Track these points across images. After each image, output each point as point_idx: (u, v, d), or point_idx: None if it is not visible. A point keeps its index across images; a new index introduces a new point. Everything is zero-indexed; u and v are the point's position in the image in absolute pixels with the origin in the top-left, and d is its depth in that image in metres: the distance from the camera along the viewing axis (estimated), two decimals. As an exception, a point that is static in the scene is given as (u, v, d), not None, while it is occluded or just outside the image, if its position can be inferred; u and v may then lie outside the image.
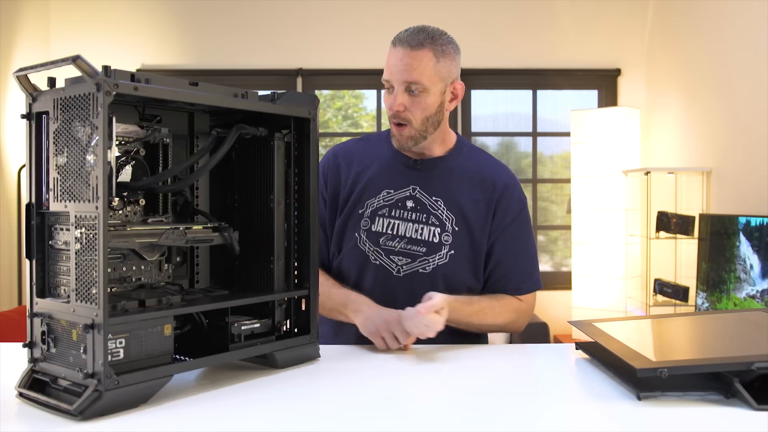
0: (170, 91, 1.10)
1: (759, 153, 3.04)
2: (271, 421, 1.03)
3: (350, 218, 1.62)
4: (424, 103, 1.53)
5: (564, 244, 4.60)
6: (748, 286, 2.84)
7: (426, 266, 1.56)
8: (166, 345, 1.10)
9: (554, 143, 4.65)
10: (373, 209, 1.60)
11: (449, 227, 1.57)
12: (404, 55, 1.50)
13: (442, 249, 1.57)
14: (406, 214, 1.59)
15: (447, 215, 1.58)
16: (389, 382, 1.23)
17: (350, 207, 1.62)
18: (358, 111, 4.90)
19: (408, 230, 1.58)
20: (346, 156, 1.68)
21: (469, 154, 1.67)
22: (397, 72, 1.51)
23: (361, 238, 1.60)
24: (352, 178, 1.64)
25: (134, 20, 4.40)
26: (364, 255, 1.59)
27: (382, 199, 1.61)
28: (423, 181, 1.61)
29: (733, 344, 1.31)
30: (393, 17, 4.31)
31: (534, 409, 1.09)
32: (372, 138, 1.73)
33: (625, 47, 4.40)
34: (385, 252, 1.58)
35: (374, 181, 1.62)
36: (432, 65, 1.50)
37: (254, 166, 1.33)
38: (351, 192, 1.64)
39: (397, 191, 1.61)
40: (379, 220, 1.60)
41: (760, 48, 3.02)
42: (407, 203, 1.59)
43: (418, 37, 1.51)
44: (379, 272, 1.57)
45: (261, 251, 1.31)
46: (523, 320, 1.64)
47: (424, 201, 1.59)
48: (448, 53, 1.54)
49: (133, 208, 1.20)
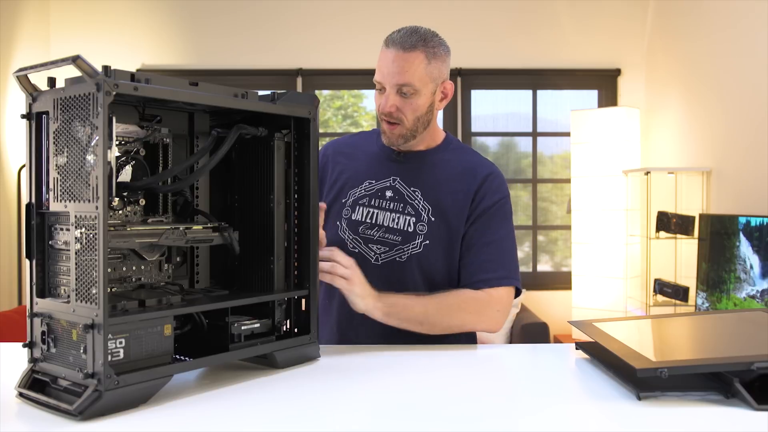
0: (170, 91, 1.10)
1: (759, 153, 3.04)
2: (271, 421, 1.03)
3: (333, 208, 1.65)
4: (416, 104, 1.54)
5: (564, 244, 4.60)
6: (748, 286, 2.84)
7: (401, 255, 1.57)
8: (166, 345, 1.10)
9: (554, 143, 4.65)
10: (354, 198, 1.63)
11: (425, 217, 1.57)
12: (396, 57, 1.51)
13: (416, 238, 1.57)
14: (384, 203, 1.60)
15: (423, 205, 1.58)
16: (389, 382, 1.23)
17: (334, 197, 1.66)
18: (358, 110, 4.90)
19: (386, 219, 1.59)
20: (336, 149, 1.73)
21: (455, 150, 1.68)
22: (389, 74, 1.52)
23: (342, 227, 1.62)
24: (338, 170, 1.68)
25: (134, 20, 4.40)
26: (343, 243, 1.60)
27: (363, 189, 1.63)
28: (404, 172, 1.62)
29: (733, 344, 1.31)
30: (393, 17, 4.31)
31: (534, 409, 1.09)
32: (364, 134, 1.77)
33: (625, 47, 4.40)
34: (364, 240, 1.59)
35: (358, 172, 1.66)
36: (423, 67, 1.51)
37: (254, 166, 1.33)
38: (335, 182, 1.67)
39: (378, 181, 1.63)
40: (359, 209, 1.62)
41: (760, 48, 3.02)
42: (386, 193, 1.61)
43: (411, 39, 1.51)
44: (357, 260, 1.56)
45: (261, 251, 1.31)
46: (492, 318, 1.53)
47: (402, 191, 1.60)
48: (439, 55, 1.54)
49: (133, 208, 1.20)
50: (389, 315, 1.46)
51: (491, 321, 1.53)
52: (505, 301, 1.55)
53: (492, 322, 1.53)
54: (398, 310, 1.46)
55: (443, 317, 1.49)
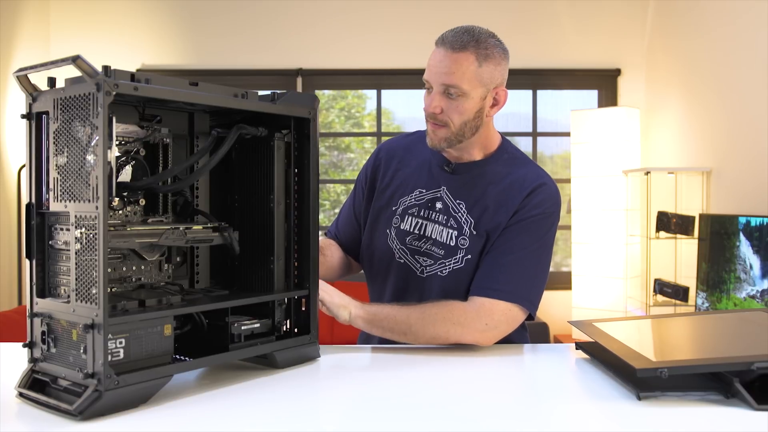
0: (170, 91, 1.10)
1: (759, 153, 3.04)
2: (271, 421, 1.03)
3: (384, 214, 1.63)
4: (462, 107, 1.47)
5: (564, 244, 4.60)
6: (748, 286, 2.83)
7: (443, 269, 1.53)
8: (166, 345, 1.10)
9: (554, 143, 4.65)
10: (404, 207, 1.60)
11: (466, 230, 1.52)
12: (445, 57, 1.44)
13: (458, 253, 1.52)
14: (433, 215, 1.57)
15: (466, 219, 1.53)
16: (389, 382, 1.23)
17: (385, 203, 1.63)
18: (360, 111, 4.91)
19: (434, 232, 1.56)
20: (389, 152, 1.69)
21: (508, 160, 1.58)
22: (436, 74, 1.46)
23: (391, 235, 1.60)
24: (390, 175, 1.65)
25: (134, 20, 4.40)
26: (391, 252, 1.59)
27: (414, 198, 1.60)
28: (452, 183, 1.57)
29: (733, 344, 1.31)
30: (393, 17, 4.31)
31: (534, 409, 1.09)
32: (419, 135, 1.69)
33: (625, 47, 4.40)
34: (411, 251, 1.57)
35: (410, 180, 1.62)
36: (473, 69, 1.44)
37: (254, 166, 1.33)
38: (387, 187, 1.64)
39: (428, 191, 1.59)
40: (409, 218, 1.59)
41: (760, 48, 3.02)
42: (436, 204, 1.57)
43: (462, 39, 1.44)
44: (402, 271, 1.57)
45: (261, 251, 1.31)
46: (477, 331, 1.41)
47: (448, 203, 1.56)
48: (493, 57, 1.46)
49: (133, 208, 1.20)
50: (371, 323, 1.43)
51: (477, 334, 1.42)
52: (498, 317, 1.43)
53: (478, 335, 1.42)
54: (380, 319, 1.43)
55: (427, 327, 1.41)
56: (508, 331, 1.47)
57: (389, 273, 1.60)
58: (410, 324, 1.42)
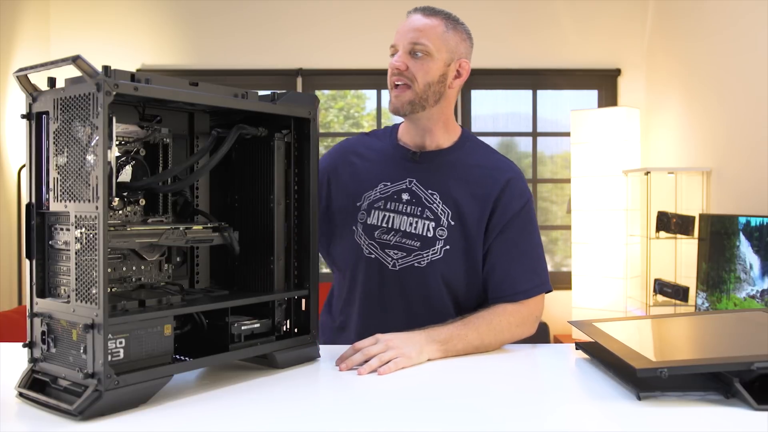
0: (170, 91, 1.10)
1: (759, 153, 3.04)
2: (271, 421, 1.03)
3: (348, 211, 1.60)
4: (427, 66, 1.50)
5: (564, 244, 4.60)
6: (748, 286, 2.83)
7: (421, 261, 1.54)
8: (166, 345, 1.10)
9: (554, 143, 4.65)
10: (369, 202, 1.59)
11: (444, 221, 1.54)
12: (414, 20, 1.52)
13: (436, 244, 1.53)
14: (401, 206, 1.56)
15: (443, 209, 1.54)
16: (389, 382, 1.23)
17: (348, 199, 1.61)
18: (359, 111, 4.90)
19: (403, 224, 1.55)
20: (348, 149, 1.69)
21: (472, 148, 1.62)
22: (404, 33, 1.51)
23: (358, 231, 1.58)
24: (350, 171, 1.63)
25: (134, 20, 4.40)
26: (359, 248, 1.57)
27: (378, 191, 1.59)
28: (420, 173, 1.58)
29: (733, 344, 1.31)
30: (393, 17, 4.30)
31: (534, 409, 1.09)
32: (378, 133, 1.72)
33: (625, 47, 4.40)
34: (381, 245, 1.56)
35: (372, 174, 1.61)
36: (441, 32, 1.51)
37: (254, 166, 1.33)
38: (348, 184, 1.62)
39: (393, 183, 1.58)
40: (375, 212, 1.57)
41: (760, 48, 3.02)
42: (403, 196, 1.57)
43: (433, 9, 1.53)
44: (373, 266, 1.56)
45: (261, 251, 1.31)
46: (528, 327, 1.55)
47: (420, 194, 1.56)
48: (459, 31, 1.55)
49: (133, 208, 1.20)
50: (448, 351, 1.40)
51: (532, 328, 1.56)
52: (541, 306, 1.59)
53: (532, 328, 1.56)
54: (455, 343, 1.41)
55: (497, 337, 1.47)
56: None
57: (357, 269, 1.58)
58: (482, 339, 1.45)
